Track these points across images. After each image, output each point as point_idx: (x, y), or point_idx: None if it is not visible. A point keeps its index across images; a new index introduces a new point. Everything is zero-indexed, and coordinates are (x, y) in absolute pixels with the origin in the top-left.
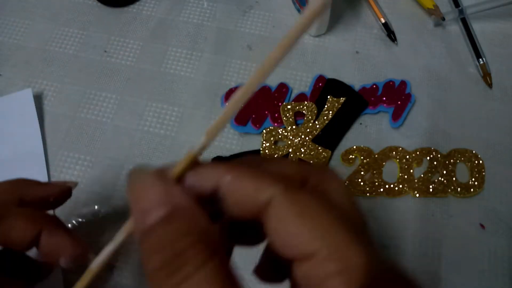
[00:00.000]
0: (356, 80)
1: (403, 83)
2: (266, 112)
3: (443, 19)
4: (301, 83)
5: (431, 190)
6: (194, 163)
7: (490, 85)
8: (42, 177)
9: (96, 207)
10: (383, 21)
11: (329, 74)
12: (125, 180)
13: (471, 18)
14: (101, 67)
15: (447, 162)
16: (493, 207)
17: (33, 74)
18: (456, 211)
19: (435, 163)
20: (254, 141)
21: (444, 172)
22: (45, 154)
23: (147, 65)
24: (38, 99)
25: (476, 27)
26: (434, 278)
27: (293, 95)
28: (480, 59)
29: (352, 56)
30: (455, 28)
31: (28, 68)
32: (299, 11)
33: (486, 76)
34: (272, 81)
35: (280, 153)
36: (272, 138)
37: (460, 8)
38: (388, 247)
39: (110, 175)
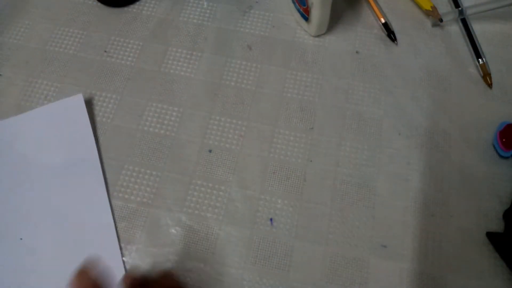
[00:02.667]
0: (356, 80)
1: None
2: None
3: (441, 20)
4: (300, 83)
5: None
6: None
7: (490, 85)
8: (99, 182)
9: None
10: (383, 21)
11: (329, 74)
12: (124, 179)
13: (471, 18)
14: (101, 67)
15: None
16: (493, 207)
17: (33, 74)
18: (456, 211)
19: None
20: None
21: None
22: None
23: (147, 65)
24: None
25: (476, 27)
26: (435, 278)
27: None
28: (480, 59)
29: (352, 56)
30: (455, 28)
31: (28, 68)
32: (299, 11)
33: (486, 76)
34: None
35: None
36: None
37: (460, 8)
38: (388, 247)
39: (111, 175)
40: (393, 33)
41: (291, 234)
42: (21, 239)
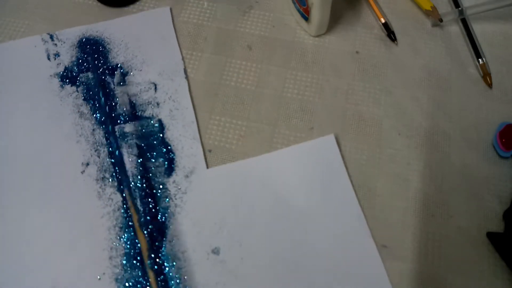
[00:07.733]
0: (356, 80)
1: None
2: None
3: (441, 20)
4: (300, 83)
5: None
6: None
7: (490, 85)
8: (363, 226)
9: None
10: (383, 21)
11: (329, 74)
12: None
13: (471, 18)
14: None
15: None
16: (493, 207)
17: None
18: (456, 211)
19: None
20: None
21: None
22: None
23: None
24: None
25: (476, 27)
26: (435, 278)
27: None
28: (480, 59)
29: (352, 56)
30: (455, 28)
31: None
32: (299, 11)
33: (486, 76)
34: None
35: None
36: None
37: (460, 8)
38: (388, 247)
39: None
40: (393, 33)
41: None
42: None
